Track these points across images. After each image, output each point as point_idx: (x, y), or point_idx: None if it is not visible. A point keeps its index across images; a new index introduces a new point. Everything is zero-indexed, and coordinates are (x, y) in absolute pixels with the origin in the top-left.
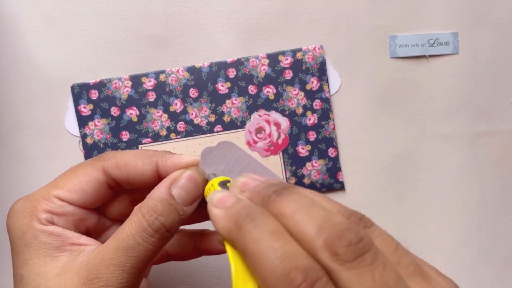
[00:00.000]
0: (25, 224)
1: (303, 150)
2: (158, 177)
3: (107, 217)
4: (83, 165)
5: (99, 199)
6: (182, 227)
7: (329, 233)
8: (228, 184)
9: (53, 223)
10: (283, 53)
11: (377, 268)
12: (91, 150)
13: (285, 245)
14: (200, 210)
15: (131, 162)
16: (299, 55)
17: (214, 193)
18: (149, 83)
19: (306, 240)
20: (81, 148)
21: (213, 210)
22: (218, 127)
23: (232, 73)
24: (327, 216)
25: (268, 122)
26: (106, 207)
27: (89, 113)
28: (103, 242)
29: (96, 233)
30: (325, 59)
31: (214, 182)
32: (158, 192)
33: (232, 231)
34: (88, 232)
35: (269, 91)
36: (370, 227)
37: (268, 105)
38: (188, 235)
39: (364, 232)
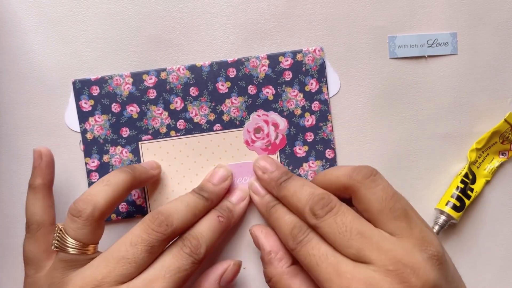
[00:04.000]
0: None
1: (300, 150)
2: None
3: None
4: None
5: None
6: None
7: (311, 202)
8: None
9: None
10: (283, 54)
11: (339, 215)
12: (90, 146)
13: (290, 217)
14: None
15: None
16: (299, 57)
17: (251, 183)
18: (150, 81)
19: (300, 210)
20: (81, 148)
21: (254, 196)
22: (217, 126)
23: (232, 72)
24: (311, 191)
25: (266, 122)
26: None
27: (90, 108)
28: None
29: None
30: (324, 61)
31: None
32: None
33: (264, 211)
34: None
35: (269, 91)
36: (371, 181)
37: (267, 105)
38: None
39: (331, 197)
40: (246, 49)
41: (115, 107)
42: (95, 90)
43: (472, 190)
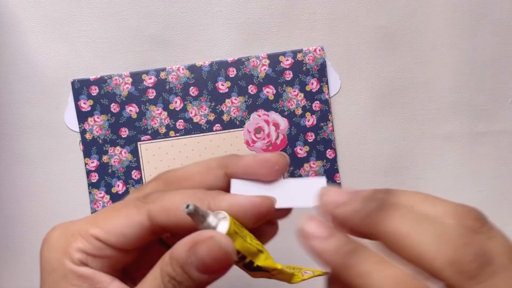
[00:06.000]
0: (57, 260)
1: (301, 151)
2: (226, 176)
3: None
4: (127, 205)
5: (140, 243)
6: None
7: (448, 251)
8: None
9: (86, 264)
10: (283, 53)
11: (500, 278)
12: (90, 146)
13: (394, 271)
14: None
15: (195, 174)
16: (299, 56)
17: (305, 223)
18: (149, 81)
19: (423, 260)
20: (81, 148)
21: (313, 244)
22: (217, 126)
23: (232, 72)
24: (440, 231)
25: (267, 122)
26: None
27: (89, 109)
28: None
29: (134, 271)
30: (325, 61)
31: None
32: (175, 253)
33: (336, 263)
34: (126, 272)
35: (269, 91)
36: (488, 230)
37: (268, 105)
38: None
39: (483, 243)
40: (246, 49)
41: (114, 107)
42: (94, 90)
43: None
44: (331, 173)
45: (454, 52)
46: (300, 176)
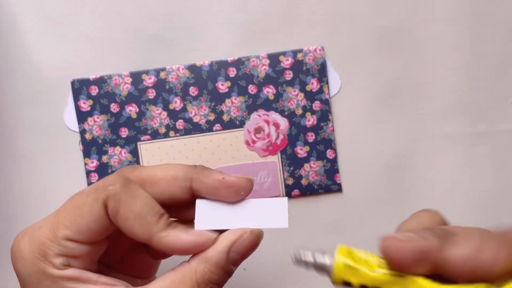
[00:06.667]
0: (39, 272)
1: (301, 151)
2: (192, 195)
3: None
4: (87, 201)
5: (110, 231)
6: None
7: None
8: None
9: (69, 265)
10: (284, 53)
11: None
12: (89, 146)
13: None
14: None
15: (160, 180)
16: (299, 56)
17: None
18: (149, 80)
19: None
20: (81, 148)
21: None
22: (217, 126)
23: (232, 72)
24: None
25: (267, 122)
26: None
27: (89, 108)
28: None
29: (108, 257)
30: (325, 61)
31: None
32: (216, 259)
33: None
34: (101, 261)
35: (269, 91)
36: None
37: (268, 105)
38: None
39: None
40: (246, 49)
41: (114, 107)
42: (94, 90)
43: None
44: (331, 173)
45: (454, 52)
46: (300, 176)
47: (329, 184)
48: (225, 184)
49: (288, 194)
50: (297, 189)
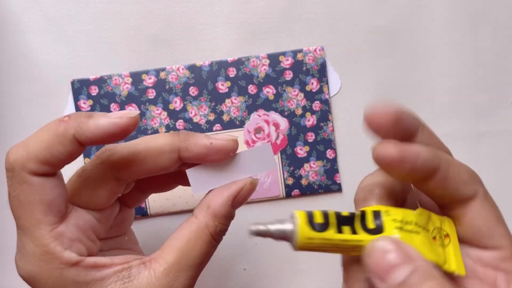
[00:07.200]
0: (59, 277)
1: (301, 151)
2: (179, 160)
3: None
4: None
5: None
6: None
7: None
8: (386, 219)
9: (83, 255)
10: (283, 53)
11: None
12: (89, 146)
13: None
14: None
15: (145, 158)
16: (299, 56)
17: (382, 258)
18: (149, 80)
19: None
20: None
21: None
22: (217, 126)
23: (232, 72)
24: None
25: (267, 122)
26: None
27: (89, 109)
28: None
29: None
30: (325, 61)
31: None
32: (223, 212)
33: None
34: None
35: (269, 91)
36: None
37: (268, 105)
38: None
39: None
40: (246, 49)
41: (114, 107)
42: (94, 90)
43: None
44: (331, 173)
45: (454, 52)
46: (300, 176)
47: (329, 184)
48: (214, 150)
49: (288, 194)
50: (297, 189)
